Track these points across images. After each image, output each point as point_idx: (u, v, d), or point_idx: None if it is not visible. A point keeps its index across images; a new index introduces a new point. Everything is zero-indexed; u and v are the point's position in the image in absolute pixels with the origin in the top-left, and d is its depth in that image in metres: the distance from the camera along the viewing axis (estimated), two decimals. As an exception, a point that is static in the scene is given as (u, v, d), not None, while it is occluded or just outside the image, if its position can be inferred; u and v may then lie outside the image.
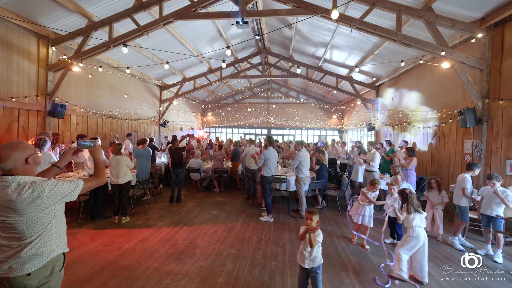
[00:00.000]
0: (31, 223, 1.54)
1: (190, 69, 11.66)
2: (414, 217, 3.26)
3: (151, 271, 3.34)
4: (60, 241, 1.70)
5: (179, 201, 6.63)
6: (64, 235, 1.76)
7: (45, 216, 1.59)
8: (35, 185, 1.55)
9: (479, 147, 5.26)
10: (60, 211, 1.70)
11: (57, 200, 1.61)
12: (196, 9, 6.01)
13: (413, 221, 3.24)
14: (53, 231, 1.65)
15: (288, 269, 3.51)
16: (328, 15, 5.14)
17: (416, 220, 3.25)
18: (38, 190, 1.53)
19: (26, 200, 1.50)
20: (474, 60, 5.15)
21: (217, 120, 18.61)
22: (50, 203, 1.58)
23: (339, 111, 16.98)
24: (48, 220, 1.60)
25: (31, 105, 6.11)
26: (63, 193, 1.63)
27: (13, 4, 5.25)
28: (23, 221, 1.52)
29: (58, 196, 1.61)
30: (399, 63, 7.69)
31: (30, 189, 1.52)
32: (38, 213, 1.55)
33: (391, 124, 9.51)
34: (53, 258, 1.65)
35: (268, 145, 5.66)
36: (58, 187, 1.60)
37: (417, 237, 3.21)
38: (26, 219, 1.52)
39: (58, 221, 1.68)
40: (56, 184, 1.61)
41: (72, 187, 1.68)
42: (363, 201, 4.30)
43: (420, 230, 3.24)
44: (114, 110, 9.23)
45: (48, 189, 1.56)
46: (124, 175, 5.15)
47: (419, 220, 3.25)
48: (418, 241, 3.21)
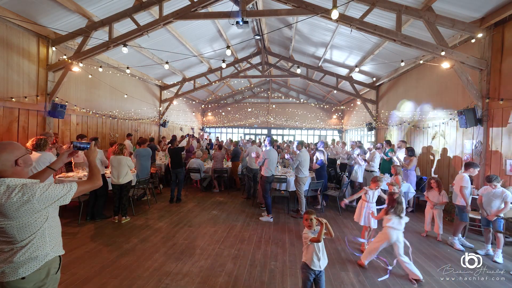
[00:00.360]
0: (22, 227, 1.48)
1: (190, 69, 11.66)
2: (391, 218, 3.38)
3: (151, 271, 3.34)
4: (54, 244, 1.65)
5: (179, 201, 6.63)
6: (59, 238, 1.71)
7: (36, 220, 1.53)
8: (26, 188, 1.48)
9: (479, 147, 5.26)
10: (53, 214, 1.65)
11: (48, 204, 1.54)
12: (196, 9, 6.01)
13: (388, 222, 3.38)
14: (47, 234, 1.59)
15: (288, 269, 3.50)
16: (328, 15, 5.15)
17: (393, 222, 3.36)
18: (28, 194, 1.46)
19: (16, 204, 1.43)
20: (474, 60, 5.15)
21: (217, 120, 18.61)
22: (41, 207, 1.51)
23: (339, 111, 16.99)
24: (40, 224, 1.55)
25: (31, 105, 6.11)
26: (55, 197, 1.55)
27: (13, 4, 5.25)
28: (13, 225, 1.46)
29: (49, 199, 1.53)
30: (399, 63, 7.69)
31: (20, 192, 1.45)
32: (28, 217, 1.49)
33: (391, 124, 9.52)
34: (48, 261, 1.60)
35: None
36: (50, 191, 1.53)
37: (387, 237, 3.37)
38: (16, 223, 1.46)
39: (52, 224, 1.63)
40: (48, 187, 1.53)
41: (65, 191, 1.60)
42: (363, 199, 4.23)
43: (392, 231, 3.35)
44: (114, 110, 9.23)
45: (39, 193, 1.49)
46: (125, 175, 5.15)
47: (396, 223, 3.36)
48: (387, 240, 3.37)
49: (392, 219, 3.38)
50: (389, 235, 3.36)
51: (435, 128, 6.91)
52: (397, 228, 3.35)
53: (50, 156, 4.41)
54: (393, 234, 3.34)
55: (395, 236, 3.35)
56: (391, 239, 3.35)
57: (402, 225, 3.39)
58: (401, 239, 3.37)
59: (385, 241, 3.41)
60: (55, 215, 1.69)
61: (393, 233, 3.35)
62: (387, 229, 3.40)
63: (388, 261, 3.69)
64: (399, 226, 3.37)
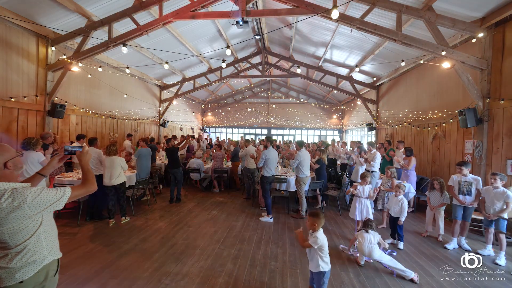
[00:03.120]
0: (14, 233, 1.43)
1: (190, 69, 11.65)
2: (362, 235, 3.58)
3: (151, 271, 3.33)
4: (51, 248, 1.62)
5: (179, 201, 6.62)
6: (55, 242, 1.68)
7: (29, 226, 1.47)
8: (16, 193, 1.41)
9: (479, 147, 5.25)
10: (47, 218, 1.60)
11: (40, 209, 1.48)
12: (196, 9, 6.00)
13: (359, 237, 3.59)
14: (43, 239, 1.55)
15: (288, 269, 3.50)
16: (328, 15, 5.13)
17: (365, 239, 3.53)
18: (19, 199, 1.40)
19: (5, 210, 1.37)
20: (474, 60, 5.14)
21: (217, 120, 18.60)
22: (32, 213, 1.45)
23: (339, 111, 16.98)
24: (33, 229, 1.49)
25: (30, 105, 6.10)
26: (47, 202, 1.48)
27: (12, 3, 5.24)
28: (3, 231, 1.41)
29: (42, 205, 1.47)
30: (399, 63, 7.69)
31: (10, 197, 1.39)
32: (19, 222, 1.43)
33: (391, 124, 9.51)
34: (46, 264, 1.57)
35: (268, 145, 5.65)
36: (42, 196, 1.46)
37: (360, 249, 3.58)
38: (7, 229, 1.41)
39: (47, 228, 1.59)
40: (40, 192, 1.46)
41: (58, 196, 1.53)
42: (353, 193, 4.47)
43: (362, 246, 3.51)
44: (114, 110, 9.22)
45: (31, 198, 1.42)
46: (118, 176, 5.03)
47: (366, 239, 3.52)
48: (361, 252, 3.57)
49: (363, 235, 3.57)
50: (361, 249, 3.53)
51: (435, 128, 6.90)
52: (368, 244, 3.49)
53: (38, 156, 4.36)
54: (364, 249, 3.52)
55: (366, 250, 3.50)
56: (364, 252, 3.51)
57: (374, 240, 3.52)
58: (375, 253, 3.49)
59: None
60: (50, 219, 1.64)
61: (364, 249, 3.51)
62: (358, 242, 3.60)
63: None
64: (371, 242, 3.52)
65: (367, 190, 4.39)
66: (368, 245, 3.46)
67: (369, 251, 3.45)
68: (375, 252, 3.44)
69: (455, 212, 4.34)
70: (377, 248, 3.49)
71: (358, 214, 4.33)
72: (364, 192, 4.38)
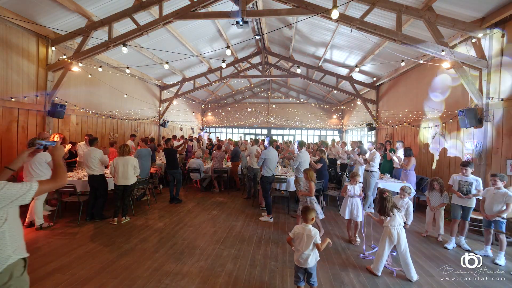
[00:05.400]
0: None
1: (190, 69, 11.65)
2: (389, 218, 3.40)
3: (151, 271, 3.33)
4: (16, 246, 1.57)
5: (179, 201, 6.62)
6: (21, 240, 1.64)
7: None
8: None
9: (479, 147, 5.25)
10: (13, 215, 1.57)
11: (5, 203, 1.45)
12: (196, 9, 6.00)
13: (388, 221, 3.40)
14: (7, 236, 1.51)
15: (288, 269, 3.50)
16: (328, 15, 5.14)
17: (392, 220, 3.37)
18: None
19: None
20: (474, 60, 5.14)
21: (217, 120, 18.60)
22: None
23: (339, 111, 16.98)
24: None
25: (30, 105, 6.10)
26: (11, 197, 1.47)
27: (12, 3, 5.24)
28: None
29: (6, 199, 1.45)
30: (399, 63, 7.69)
31: None
32: None
33: (391, 124, 9.51)
34: (10, 265, 1.51)
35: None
36: (6, 189, 1.45)
37: (390, 236, 3.33)
38: None
39: (12, 225, 1.55)
40: (3, 186, 1.45)
41: (24, 190, 1.51)
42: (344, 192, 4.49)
43: (392, 228, 3.33)
44: (114, 110, 9.22)
45: None
46: (132, 176, 5.11)
47: (394, 220, 3.36)
48: (391, 239, 3.33)
49: (389, 218, 3.39)
50: (391, 233, 3.33)
51: (435, 128, 6.90)
52: (395, 224, 3.35)
53: (46, 156, 4.37)
54: (393, 232, 3.32)
55: (396, 232, 3.32)
56: (394, 238, 3.31)
57: (400, 219, 3.40)
58: (403, 236, 3.33)
59: (386, 237, 3.37)
60: (16, 216, 1.61)
61: (394, 231, 3.32)
62: (385, 229, 3.42)
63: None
64: (398, 221, 3.38)
65: (358, 189, 4.43)
66: (398, 226, 3.36)
67: (397, 233, 3.34)
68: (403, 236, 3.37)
69: (454, 212, 4.35)
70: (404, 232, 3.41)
71: (347, 213, 4.37)
72: (356, 191, 4.41)
